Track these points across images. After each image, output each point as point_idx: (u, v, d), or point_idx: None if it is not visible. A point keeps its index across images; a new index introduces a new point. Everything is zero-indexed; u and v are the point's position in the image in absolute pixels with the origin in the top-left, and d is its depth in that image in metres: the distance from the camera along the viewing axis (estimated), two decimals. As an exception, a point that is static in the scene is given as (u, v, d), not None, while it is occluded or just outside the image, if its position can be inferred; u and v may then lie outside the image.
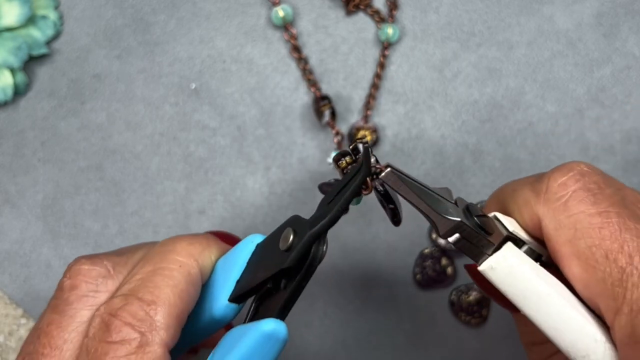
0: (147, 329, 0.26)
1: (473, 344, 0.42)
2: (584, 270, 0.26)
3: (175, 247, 0.29)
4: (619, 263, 0.25)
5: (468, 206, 0.28)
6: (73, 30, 0.44)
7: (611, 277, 0.26)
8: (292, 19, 0.43)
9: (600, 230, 0.26)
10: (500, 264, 0.27)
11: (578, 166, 0.28)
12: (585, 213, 0.26)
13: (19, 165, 0.43)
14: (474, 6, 0.43)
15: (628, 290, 0.25)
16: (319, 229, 0.26)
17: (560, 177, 0.27)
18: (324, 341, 0.43)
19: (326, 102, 0.42)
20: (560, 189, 0.27)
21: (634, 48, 0.43)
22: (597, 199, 0.27)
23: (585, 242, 0.26)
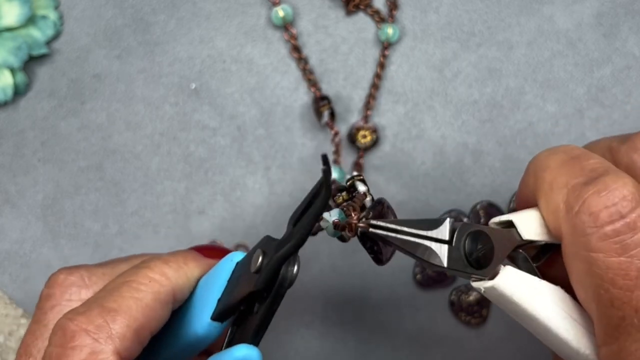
0: (101, 337, 0.26)
1: (473, 343, 0.42)
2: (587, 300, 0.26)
3: (150, 264, 0.29)
4: (621, 312, 0.25)
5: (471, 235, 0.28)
6: (73, 30, 0.44)
7: (610, 320, 0.25)
8: (292, 19, 0.43)
9: (613, 277, 0.25)
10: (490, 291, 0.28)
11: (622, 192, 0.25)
12: (605, 255, 0.25)
13: (19, 165, 0.43)
14: (474, 6, 0.43)
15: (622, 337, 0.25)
16: (284, 252, 0.26)
17: (595, 207, 0.25)
18: (324, 341, 0.43)
19: (325, 103, 0.42)
20: (590, 219, 0.25)
21: (634, 48, 0.43)
22: (623, 244, 0.25)
23: (595, 281, 0.25)
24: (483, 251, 0.28)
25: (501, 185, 0.43)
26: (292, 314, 0.43)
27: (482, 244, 0.28)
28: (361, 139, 0.42)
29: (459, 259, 0.28)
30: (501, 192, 0.43)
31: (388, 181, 0.43)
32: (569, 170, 0.27)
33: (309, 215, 0.27)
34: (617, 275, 0.25)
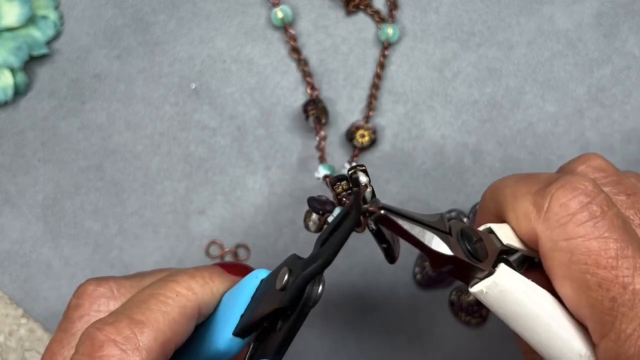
0: (129, 348, 0.26)
1: (473, 343, 0.42)
2: (576, 293, 0.26)
3: (177, 278, 0.29)
4: (611, 293, 0.25)
5: (462, 230, 0.28)
6: (73, 30, 0.44)
7: (602, 305, 0.26)
8: (292, 20, 0.43)
9: (596, 257, 0.26)
10: (491, 289, 0.28)
11: (584, 183, 0.27)
12: (584, 238, 0.26)
13: (19, 165, 0.43)
14: (474, 6, 0.43)
15: (617, 319, 0.25)
16: (311, 271, 0.26)
17: (563, 197, 0.27)
18: (324, 342, 0.43)
19: (312, 108, 0.42)
20: (561, 210, 0.27)
21: (634, 48, 0.43)
22: (597, 224, 0.26)
23: (579, 268, 0.26)
24: (478, 245, 0.28)
25: (501, 185, 0.43)
26: (292, 314, 0.43)
27: (474, 238, 0.28)
28: (359, 138, 0.42)
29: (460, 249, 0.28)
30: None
31: (388, 181, 0.43)
32: (527, 182, 0.29)
33: (338, 235, 0.27)
34: (599, 255, 0.26)
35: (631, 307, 0.25)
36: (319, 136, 0.43)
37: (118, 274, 0.43)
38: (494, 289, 0.28)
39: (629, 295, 0.25)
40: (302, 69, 0.43)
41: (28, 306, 0.43)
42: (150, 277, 0.31)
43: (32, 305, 0.43)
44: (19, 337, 0.43)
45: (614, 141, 0.43)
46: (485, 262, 0.28)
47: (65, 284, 0.43)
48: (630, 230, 0.27)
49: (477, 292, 0.28)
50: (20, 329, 0.43)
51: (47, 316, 0.43)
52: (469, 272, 0.28)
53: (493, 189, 0.31)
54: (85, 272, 0.43)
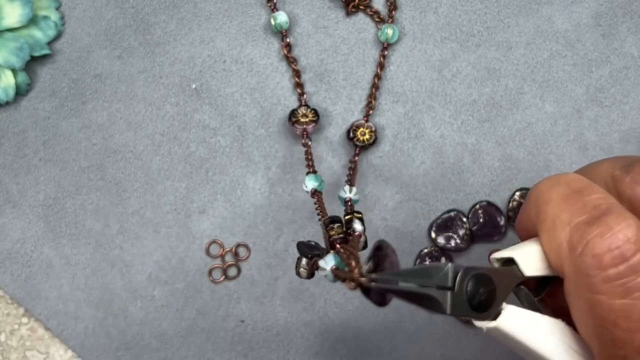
0: None
1: (473, 343, 0.42)
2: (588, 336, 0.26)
3: None
4: (623, 352, 0.25)
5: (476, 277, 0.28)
6: (74, 30, 0.44)
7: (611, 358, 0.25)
8: (287, 27, 0.43)
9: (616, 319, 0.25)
10: (491, 331, 0.28)
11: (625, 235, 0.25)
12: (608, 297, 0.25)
13: (21, 165, 0.43)
14: (473, 7, 0.44)
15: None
16: None
17: (599, 249, 0.25)
18: (324, 341, 0.43)
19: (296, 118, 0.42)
20: (593, 261, 0.25)
21: (632, 48, 0.43)
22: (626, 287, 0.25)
23: (597, 322, 0.25)
24: (485, 294, 0.28)
25: (500, 184, 0.43)
26: (291, 314, 0.43)
27: (484, 286, 0.28)
28: (360, 136, 0.42)
29: (462, 304, 0.27)
30: (500, 191, 0.43)
31: (388, 181, 0.43)
32: (571, 206, 0.27)
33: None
34: (620, 317, 0.25)
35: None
36: (306, 147, 0.42)
37: (119, 273, 0.43)
38: (494, 331, 0.28)
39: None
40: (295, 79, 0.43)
41: (29, 305, 0.43)
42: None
43: (33, 305, 0.43)
44: (20, 336, 0.43)
45: (612, 141, 0.43)
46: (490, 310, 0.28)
47: (66, 284, 0.43)
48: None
49: (479, 326, 0.28)
50: (21, 328, 0.43)
51: (48, 315, 0.43)
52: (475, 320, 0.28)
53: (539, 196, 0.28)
54: (86, 272, 0.43)
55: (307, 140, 0.42)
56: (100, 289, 0.43)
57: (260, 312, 0.43)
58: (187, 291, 0.43)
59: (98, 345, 0.43)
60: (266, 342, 0.43)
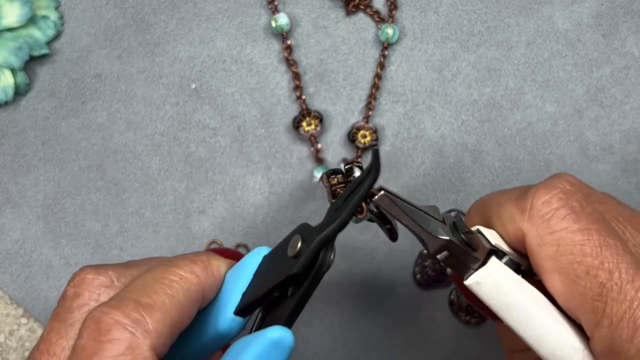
0: (138, 331, 0.26)
1: (473, 343, 0.42)
2: (566, 284, 0.27)
3: (177, 263, 0.29)
4: (599, 279, 0.27)
5: (455, 223, 0.29)
6: (74, 30, 0.44)
7: (591, 292, 0.27)
8: (288, 29, 0.43)
9: (581, 247, 0.27)
10: (485, 278, 0.29)
11: (561, 183, 0.29)
12: (568, 230, 0.28)
13: (20, 165, 0.43)
14: (474, 6, 0.43)
15: (608, 304, 0.26)
16: (327, 234, 0.27)
17: (544, 195, 0.28)
18: (324, 341, 0.43)
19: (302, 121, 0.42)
20: (543, 206, 0.28)
21: (633, 48, 0.43)
22: (578, 216, 0.28)
23: (567, 258, 0.27)
24: (469, 235, 0.29)
25: (500, 185, 0.43)
26: (292, 314, 0.43)
27: (466, 229, 0.29)
28: (361, 139, 0.42)
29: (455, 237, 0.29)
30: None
31: (388, 181, 0.43)
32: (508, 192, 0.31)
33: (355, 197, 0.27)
34: (584, 245, 0.27)
35: (619, 290, 0.26)
36: (314, 147, 0.43)
37: (118, 273, 0.43)
38: (487, 278, 0.28)
39: (615, 280, 0.26)
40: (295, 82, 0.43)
41: (28, 306, 0.43)
42: (144, 265, 0.30)
43: (33, 305, 0.43)
44: (19, 336, 0.43)
45: (613, 141, 0.43)
46: (479, 251, 0.29)
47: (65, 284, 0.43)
48: (608, 222, 0.28)
49: (472, 283, 0.29)
50: (20, 329, 0.43)
51: (48, 316, 0.43)
52: (463, 260, 0.29)
53: (477, 203, 0.32)
54: (85, 272, 0.43)
55: (316, 144, 0.42)
56: (100, 290, 0.43)
57: (260, 313, 0.43)
58: (187, 291, 0.43)
59: (98, 346, 0.43)
60: (266, 342, 0.43)
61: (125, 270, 0.30)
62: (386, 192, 0.29)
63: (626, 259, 0.27)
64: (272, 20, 0.43)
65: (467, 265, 0.29)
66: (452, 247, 0.28)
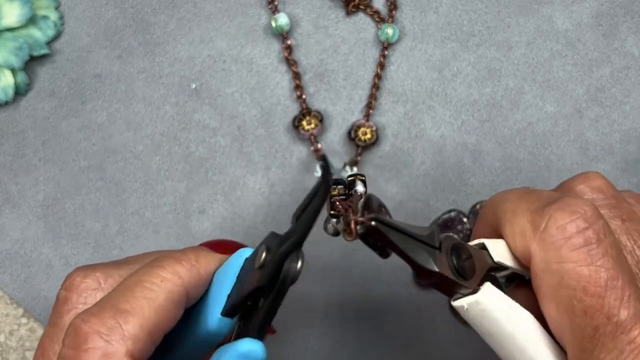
0: (114, 339, 0.26)
1: (473, 343, 0.42)
2: (561, 316, 0.27)
3: (162, 263, 0.29)
4: (594, 322, 0.26)
5: (453, 246, 0.29)
6: (74, 30, 0.44)
7: (584, 332, 0.26)
8: (288, 29, 0.43)
9: (585, 285, 0.26)
10: (472, 306, 0.28)
11: (584, 207, 0.27)
12: (576, 264, 0.26)
13: (20, 165, 0.43)
14: (474, 6, 0.43)
15: (597, 349, 0.26)
16: (286, 249, 0.26)
17: (561, 220, 0.27)
18: (324, 341, 0.43)
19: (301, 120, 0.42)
20: (557, 232, 0.27)
21: (633, 48, 0.43)
22: (591, 251, 0.26)
23: (568, 292, 0.26)
24: (466, 262, 0.28)
25: (500, 185, 0.43)
26: (291, 313, 0.43)
27: (464, 255, 0.29)
28: (362, 136, 0.42)
29: (447, 265, 0.28)
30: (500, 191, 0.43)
31: (388, 181, 0.43)
32: (528, 199, 0.29)
33: (309, 211, 0.27)
34: (589, 283, 0.26)
35: (612, 338, 0.25)
36: (314, 147, 0.43)
37: (118, 273, 0.43)
38: (475, 307, 0.28)
39: (611, 327, 0.25)
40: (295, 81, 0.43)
41: (28, 306, 0.43)
42: (138, 262, 0.30)
43: (33, 305, 0.43)
44: (19, 336, 0.43)
45: (613, 141, 0.43)
46: (471, 280, 0.28)
47: (65, 284, 0.43)
48: (623, 261, 0.27)
49: (458, 307, 0.28)
50: (20, 329, 0.43)
51: (48, 316, 0.43)
52: (453, 287, 0.28)
53: (494, 202, 0.31)
54: (85, 272, 0.43)
55: (315, 144, 0.42)
56: (99, 290, 0.43)
57: (260, 313, 0.43)
58: (186, 291, 0.43)
59: (98, 346, 0.43)
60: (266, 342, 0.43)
61: (116, 270, 0.30)
62: (378, 223, 0.28)
63: (629, 306, 0.25)
64: (272, 20, 0.43)
65: (457, 290, 0.28)
66: (441, 277, 0.28)
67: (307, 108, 0.43)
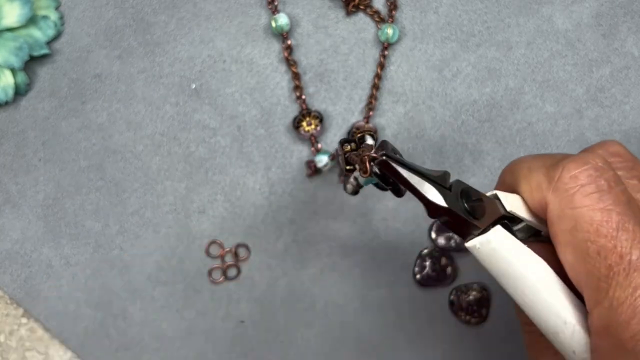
0: None
1: (473, 343, 0.42)
2: (576, 260, 0.28)
3: None
4: (608, 261, 0.27)
5: (464, 190, 0.30)
6: (74, 30, 0.44)
7: (599, 272, 0.27)
8: (288, 30, 0.43)
9: (598, 227, 0.27)
10: (484, 245, 0.29)
11: (595, 159, 0.29)
12: (589, 208, 0.28)
13: (20, 165, 0.43)
14: (474, 6, 0.43)
15: (612, 287, 0.27)
16: None
17: (574, 169, 0.28)
18: (324, 341, 0.43)
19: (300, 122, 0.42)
20: (570, 181, 0.28)
21: (633, 48, 0.43)
22: (603, 196, 0.28)
23: (582, 235, 0.28)
24: (476, 204, 0.30)
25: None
26: (292, 313, 0.43)
27: (474, 197, 0.30)
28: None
29: (457, 202, 0.30)
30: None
31: (388, 181, 0.43)
32: (542, 158, 0.31)
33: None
34: (601, 225, 0.27)
35: (626, 276, 0.27)
36: (314, 147, 0.43)
37: (118, 273, 0.43)
38: (486, 246, 0.29)
39: (624, 265, 0.27)
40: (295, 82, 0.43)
41: (29, 306, 0.43)
42: None
43: (33, 305, 0.43)
44: (19, 336, 0.43)
45: (613, 141, 0.43)
46: (482, 220, 0.30)
47: (65, 284, 0.43)
48: (635, 207, 0.28)
49: (470, 247, 0.30)
50: (20, 329, 0.43)
51: (48, 316, 0.43)
52: (464, 227, 0.30)
53: (511, 165, 0.32)
54: (86, 272, 0.43)
55: (316, 144, 0.42)
56: (100, 290, 0.43)
57: (260, 312, 0.43)
58: (186, 292, 0.43)
59: (98, 346, 0.43)
60: (266, 342, 0.43)
61: None
62: (387, 157, 0.30)
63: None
64: (272, 20, 0.43)
65: (469, 230, 0.30)
66: (451, 213, 0.29)
67: (307, 108, 0.43)
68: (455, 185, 0.30)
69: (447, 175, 0.30)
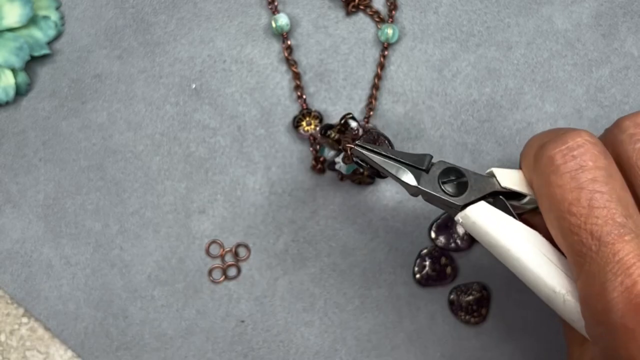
0: None
1: (472, 342, 0.42)
2: (557, 236, 0.30)
3: None
4: (580, 238, 0.28)
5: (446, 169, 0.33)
6: (74, 30, 0.44)
7: (574, 248, 0.29)
8: (288, 30, 0.43)
9: (569, 206, 0.29)
10: (465, 219, 0.32)
11: (574, 139, 0.30)
12: (562, 188, 0.29)
13: (20, 165, 0.43)
14: (473, 6, 0.44)
15: (586, 262, 0.28)
16: None
17: (551, 150, 0.30)
18: (324, 341, 0.43)
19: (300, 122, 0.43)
20: (547, 161, 0.30)
21: (633, 48, 0.43)
22: (576, 175, 0.29)
23: (556, 214, 0.29)
24: (456, 182, 0.32)
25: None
26: (291, 313, 0.43)
27: (455, 176, 0.33)
28: (361, 138, 0.42)
29: (432, 182, 0.32)
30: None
31: (388, 181, 0.43)
32: (546, 133, 0.32)
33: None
34: (572, 204, 0.29)
35: (597, 252, 0.28)
36: (314, 147, 0.43)
37: (119, 273, 0.43)
38: (466, 220, 0.32)
39: (595, 241, 0.28)
40: (295, 81, 0.43)
41: (29, 305, 0.43)
42: None
43: (33, 305, 0.43)
44: (20, 336, 0.43)
45: (612, 141, 0.43)
46: (461, 197, 0.32)
47: (66, 284, 0.43)
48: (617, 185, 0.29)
49: (456, 220, 0.32)
50: (21, 329, 0.43)
51: (48, 315, 0.43)
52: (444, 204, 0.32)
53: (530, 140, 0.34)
54: (86, 272, 0.43)
55: (315, 145, 0.42)
56: (100, 289, 0.43)
57: (260, 312, 0.43)
58: (187, 291, 0.43)
59: (98, 345, 0.43)
60: (266, 342, 0.43)
61: None
62: (358, 147, 0.34)
63: (613, 222, 0.28)
64: (272, 20, 0.43)
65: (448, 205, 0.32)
66: (424, 192, 0.32)
67: (307, 108, 0.43)
68: (437, 165, 0.33)
69: (427, 157, 0.33)
